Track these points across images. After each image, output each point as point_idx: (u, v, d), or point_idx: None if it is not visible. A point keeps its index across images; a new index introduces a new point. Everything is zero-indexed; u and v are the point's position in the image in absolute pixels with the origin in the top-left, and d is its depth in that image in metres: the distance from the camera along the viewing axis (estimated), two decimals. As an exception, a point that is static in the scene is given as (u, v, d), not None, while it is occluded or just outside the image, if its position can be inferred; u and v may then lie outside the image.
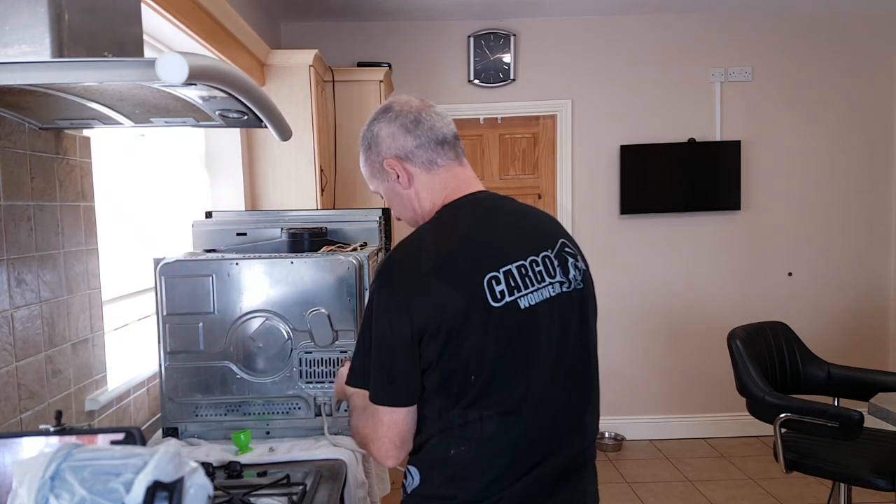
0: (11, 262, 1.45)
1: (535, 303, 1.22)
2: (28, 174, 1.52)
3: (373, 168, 1.34)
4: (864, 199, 4.40)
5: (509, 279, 1.21)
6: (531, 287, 1.22)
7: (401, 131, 1.30)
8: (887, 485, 2.49)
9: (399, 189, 1.33)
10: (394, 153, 1.30)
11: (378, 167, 1.33)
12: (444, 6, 3.95)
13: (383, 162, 1.31)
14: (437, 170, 1.32)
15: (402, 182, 1.32)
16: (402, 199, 1.35)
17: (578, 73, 4.29)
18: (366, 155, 1.35)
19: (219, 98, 1.25)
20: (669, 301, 4.42)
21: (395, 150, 1.30)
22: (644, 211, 4.33)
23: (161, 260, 1.84)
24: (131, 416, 2.00)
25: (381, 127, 1.31)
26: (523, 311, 1.20)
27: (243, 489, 1.50)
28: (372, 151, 1.33)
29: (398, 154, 1.30)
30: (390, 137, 1.30)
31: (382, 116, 1.32)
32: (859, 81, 4.33)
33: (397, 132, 1.30)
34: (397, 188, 1.33)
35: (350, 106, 3.55)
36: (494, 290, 1.19)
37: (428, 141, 1.30)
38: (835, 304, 4.44)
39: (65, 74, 1.06)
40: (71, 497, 0.77)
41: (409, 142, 1.30)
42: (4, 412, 1.42)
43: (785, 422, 2.66)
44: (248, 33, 2.70)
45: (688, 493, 3.66)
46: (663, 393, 4.45)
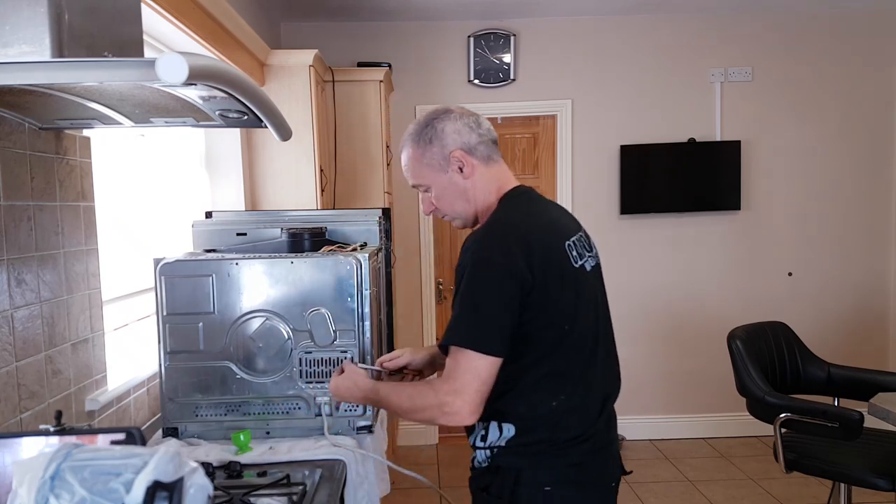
0: (11, 262, 1.45)
1: (589, 269, 1.49)
2: (28, 174, 1.52)
3: (433, 160, 1.49)
4: (864, 199, 4.40)
5: (576, 247, 1.46)
6: (584, 256, 1.49)
7: (466, 129, 1.49)
8: (887, 485, 2.49)
9: (459, 180, 1.49)
10: (459, 146, 1.48)
11: (441, 159, 1.48)
12: (444, 6, 3.95)
13: (450, 154, 1.47)
14: (492, 164, 1.52)
15: (466, 172, 1.48)
16: (459, 190, 1.50)
17: (578, 73, 4.30)
18: (424, 149, 1.49)
19: (219, 98, 1.25)
20: (669, 301, 4.42)
21: (460, 143, 1.48)
22: (644, 211, 4.33)
23: (161, 260, 1.84)
24: (131, 416, 2.00)
25: (447, 124, 1.49)
26: (588, 273, 1.48)
27: (243, 489, 1.50)
28: (434, 145, 1.48)
29: (463, 147, 1.48)
30: (456, 133, 1.48)
31: (445, 115, 1.50)
32: (859, 81, 4.33)
33: (463, 129, 1.49)
34: (457, 179, 1.49)
35: (350, 106, 3.55)
36: (571, 254, 1.43)
37: (487, 139, 1.51)
38: (835, 304, 4.44)
39: (65, 74, 1.06)
40: (71, 497, 0.77)
41: (474, 138, 1.49)
42: (4, 412, 1.42)
43: (785, 422, 2.66)
44: (248, 33, 2.70)
45: (688, 493, 3.66)
46: (663, 393, 4.45)
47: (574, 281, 1.42)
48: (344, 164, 3.53)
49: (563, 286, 1.39)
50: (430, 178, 1.51)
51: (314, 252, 2.03)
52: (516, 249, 1.35)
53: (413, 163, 1.52)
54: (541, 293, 1.35)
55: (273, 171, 3.08)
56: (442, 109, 1.53)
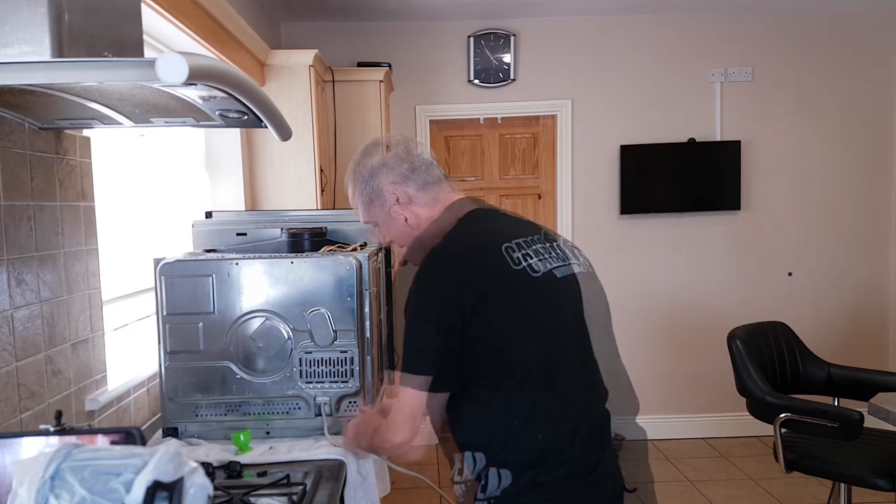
0: (11, 262, 1.45)
1: (544, 270, 1.41)
2: (28, 174, 1.52)
3: (371, 197, 1.50)
4: (864, 199, 4.40)
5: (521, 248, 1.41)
6: (537, 257, 1.42)
7: (395, 160, 1.49)
8: (887, 485, 2.49)
9: (398, 212, 1.49)
10: (391, 180, 1.48)
11: (375, 196, 1.49)
12: (444, 6, 3.95)
13: (382, 189, 1.48)
14: (431, 188, 1.49)
15: (403, 203, 1.48)
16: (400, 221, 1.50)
17: (578, 73, 4.29)
18: (361, 187, 1.50)
19: (219, 98, 1.25)
20: (669, 301, 4.42)
21: (392, 177, 1.48)
22: (644, 211, 4.33)
23: (161, 260, 1.84)
24: (131, 416, 2.00)
25: (374, 159, 1.49)
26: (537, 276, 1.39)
27: (243, 489, 1.50)
28: (368, 183, 1.49)
29: (395, 180, 1.48)
30: (385, 167, 1.48)
31: (373, 149, 1.51)
32: (859, 81, 4.33)
33: (391, 161, 1.49)
34: (396, 211, 1.49)
35: (350, 106, 3.55)
36: (512, 256, 1.38)
37: (422, 165, 1.50)
38: (835, 304, 4.44)
39: (65, 74, 1.06)
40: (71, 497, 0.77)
41: (405, 168, 1.48)
42: (4, 412, 1.42)
43: (785, 422, 2.66)
44: (248, 33, 2.70)
45: (688, 493, 3.66)
46: (663, 393, 4.45)
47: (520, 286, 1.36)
48: (344, 164, 3.51)
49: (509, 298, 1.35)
50: (373, 214, 1.52)
51: (314, 252, 2.03)
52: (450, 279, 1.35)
53: (356, 202, 1.53)
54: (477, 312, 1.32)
55: (273, 171, 3.08)
56: (371, 143, 1.53)
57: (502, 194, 4.44)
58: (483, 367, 1.35)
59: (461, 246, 1.40)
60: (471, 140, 4.40)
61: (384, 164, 1.48)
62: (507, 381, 1.35)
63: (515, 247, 1.40)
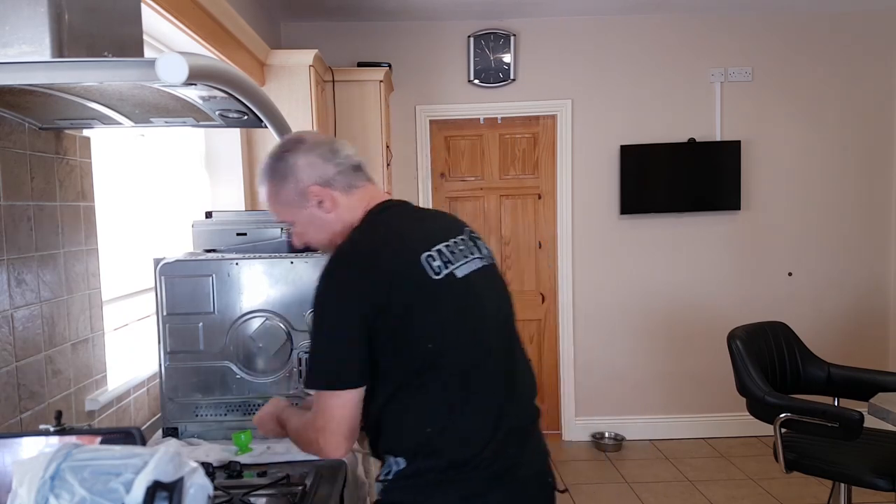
0: (11, 262, 1.45)
1: (468, 272, 1.37)
2: (28, 174, 1.52)
3: (289, 197, 1.40)
4: (864, 199, 4.40)
5: (442, 255, 1.35)
6: (462, 260, 1.38)
7: (320, 160, 1.39)
8: (887, 485, 2.49)
9: (320, 214, 1.40)
10: (315, 181, 1.38)
11: (296, 195, 1.39)
12: (444, 6, 3.95)
13: (306, 189, 1.38)
14: (355, 191, 1.42)
15: (326, 206, 1.39)
16: (321, 223, 1.42)
17: (578, 73, 4.29)
18: (279, 185, 1.40)
19: (219, 98, 1.25)
20: (669, 301, 4.42)
21: (315, 177, 1.38)
22: (644, 211, 4.33)
23: (161, 260, 1.84)
24: (131, 416, 2.00)
25: (298, 157, 1.39)
26: (460, 280, 1.35)
27: (243, 489, 1.50)
28: (288, 181, 1.39)
29: (319, 181, 1.38)
30: (310, 166, 1.38)
31: (296, 148, 1.40)
32: (859, 81, 4.33)
33: (316, 161, 1.39)
34: (318, 213, 1.40)
35: (350, 106, 3.55)
36: (432, 265, 1.32)
37: (346, 167, 1.41)
38: (835, 304, 4.44)
39: (65, 74, 1.06)
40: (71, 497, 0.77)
41: (329, 169, 1.39)
42: (4, 412, 1.42)
43: (785, 422, 2.66)
44: (248, 33, 2.70)
45: (688, 493, 3.66)
46: (663, 393, 4.45)
47: (435, 296, 1.31)
48: (344, 164, 3.52)
49: (421, 304, 1.30)
50: (290, 214, 1.43)
51: (314, 252, 2.03)
52: (358, 277, 1.28)
53: (271, 200, 1.43)
54: (391, 317, 1.27)
55: (273, 171, 3.07)
56: (293, 140, 1.42)
57: (502, 194, 4.44)
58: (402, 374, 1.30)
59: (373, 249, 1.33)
60: (471, 140, 4.40)
61: (310, 164, 1.38)
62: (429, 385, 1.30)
63: (436, 254, 1.34)
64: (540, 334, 4.51)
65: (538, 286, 4.49)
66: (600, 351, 4.43)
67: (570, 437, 4.46)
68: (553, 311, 4.48)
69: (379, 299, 1.26)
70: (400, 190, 4.27)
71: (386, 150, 3.70)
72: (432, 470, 1.30)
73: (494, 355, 1.38)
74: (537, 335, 4.51)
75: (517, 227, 4.46)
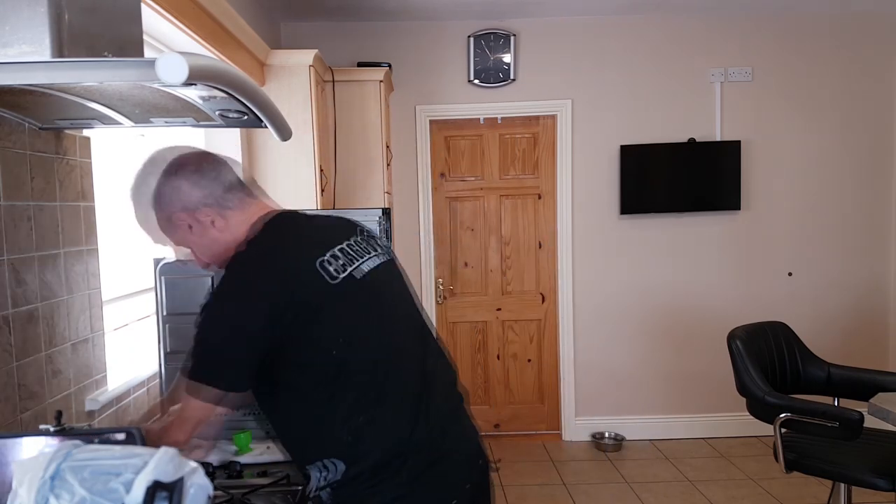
0: (11, 262, 1.45)
1: (366, 271, 1.38)
2: (28, 174, 1.52)
3: (160, 223, 1.37)
4: (865, 199, 4.40)
5: (338, 259, 1.35)
6: (358, 261, 1.38)
7: (188, 185, 1.34)
8: (887, 485, 2.49)
9: (194, 238, 1.37)
10: (181, 208, 1.34)
11: (166, 221, 1.36)
12: (444, 6, 3.95)
13: (171, 216, 1.35)
14: (230, 212, 1.37)
15: (196, 231, 1.36)
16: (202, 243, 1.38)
17: (578, 73, 4.29)
18: (146, 213, 1.36)
19: (219, 98, 1.25)
20: (669, 301, 4.42)
21: (182, 205, 1.34)
22: (644, 211, 4.33)
23: (161, 260, 1.84)
24: (131, 416, 2.00)
25: (163, 182, 1.34)
26: (359, 281, 1.35)
27: (243, 489, 1.50)
28: (157, 210, 1.35)
29: (186, 208, 1.34)
30: (175, 192, 1.34)
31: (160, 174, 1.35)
32: (859, 81, 4.33)
33: (184, 186, 1.34)
34: (192, 237, 1.37)
35: (350, 106, 3.55)
36: (329, 270, 1.32)
37: (215, 188, 1.36)
38: (835, 304, 4.44)
39: (65, 74, 1.06)
40: (71, 497, 0.77)
41: (196, 193, 1.34)
42: (4, 412, 1.42)
43: (785, 422, 2.66)
44: (248, 33, 2.70)
45: (688, 493, 3.66)
46: (663, 393, 4.45)
47: (334, 299, 1.31)
48: (344, 164, 3.53)
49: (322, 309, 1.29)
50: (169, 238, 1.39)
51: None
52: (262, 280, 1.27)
53: (143, 227, 1.39)
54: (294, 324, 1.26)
55: (273, 171, 3.08)
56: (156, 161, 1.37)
57: (502, 194, 4.44)
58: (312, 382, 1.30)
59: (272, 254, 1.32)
60: (471, 140, 4.40)
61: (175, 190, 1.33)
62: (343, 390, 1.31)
63: (335, 256, 1.34)
64: (540, 334, 4.51)
65: (538, 286, 4.49)
66: (600, 351, 4.43)
67: (570, 437, 4.46)
68: (553, 311, 4.48)
69: (283, 301, 1.26)
70: (400, 190, 4.28)
71: (386, 150, 3.69)
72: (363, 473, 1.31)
73: (404, 349, 1.40)
74: (537, 335, 4.51)
75: (517, 227, 4.46)
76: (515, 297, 4.50)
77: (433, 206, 4.39)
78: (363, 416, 1.31)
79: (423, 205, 4.35)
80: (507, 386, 4.53)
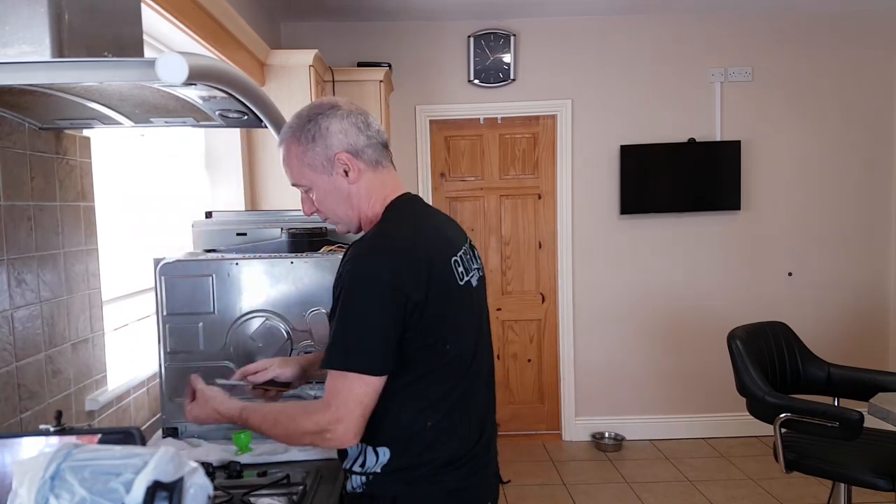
0: (11, 262, 1.45)
1: (474, 283, 1.42)
2: (28, 174, 1.52)
3: (315, 160, 1.35)
4: (865, 199, 4.40)
5: (462, 262, 1.39)
6: (471, 271, 1.42)
7: (354, 129, 1.35)
8: (887, 485, 2.49)
9: (343, 184, 1.36)
10: (345, 148, 1.34)
11: (324, 160, 1.35)
12: (444, 6, 3.95)
13: (334, 156, 1.34)
14: (381, 170, 1.39)
15: (352, 177, 1.35)
16: (343, 195, 1.37)
17: (578, 73, 4.29)
18: (305, 147, 1.35)
19: (219, 98, 1.25)
20: (669, 301, 4.42)
21: (346, 145, 1.34)
22: (644, 211, 4.33)
23: (161, 260, 1.84)
24: (131, 416, 2.00)
25: (332, 122, 1.34)
26: (472, 290, 1.41)
27: (243, 489, 1.50)
28: (317, 144, 1.34)
29: (350, 149, 1.35)
30: (342, 133, 1.34)
31: (332, 112, 1.35)
32: (859, 81, 4.33)
33: (350, 129, 1.35)
34: (341, 183, 1.36)
35: (350, 106, 3.54)
36: (457, 270, 1.35)
37: (376, 142, 1.38)
38: (835, 304, 4.44)
39: (65, 74, 1.06)
40: (71, 497, 0.77)
41: (362, 140, 1.36)
42: (4, 412, 1.42)
43: (785, 422, 2.66)
44: (248, 33, 2.70)
45: (688, 493, 3.66)
46: (663, 393, 4.45)
47: (458, 300, 1.34)
48: (344, 164, 3.52)
49: (448, 307, 1.31)
50: (311, 178, 1.37)
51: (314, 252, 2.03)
52: (401, 265, 1.26)
53: (293, 161, 1.37)
54: (423, 313, 1.26)
55: (273, 171, 3.08)
56: (328, 104, 1.37)
57: (502, 194, 4.44)
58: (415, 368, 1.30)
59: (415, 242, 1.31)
60: (471, 140, 4.40)
61: (343, 131, 1.34)
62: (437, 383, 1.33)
63: (460, 259, 1.38)
64: (540, 334, 4.51)
65: (538, 286, 4.49)
66: (600, 351, 4.43)
67: (570, 437, 4.46)
68: (553, 311, 4.48)
69: (415, 293, 1.25)
70: (400, 190, 4.27)
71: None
72: (427, 464, 1.33)
73: (486, 366, 1.46)
74: (537, 335, 4.51)
75: (517, 227, 4.47)
76: (515, 297, 4.50)
77: (433, 206, 4.39)
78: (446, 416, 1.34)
79: (423, 205, 4.34)
80: (507, 386, 4.53)
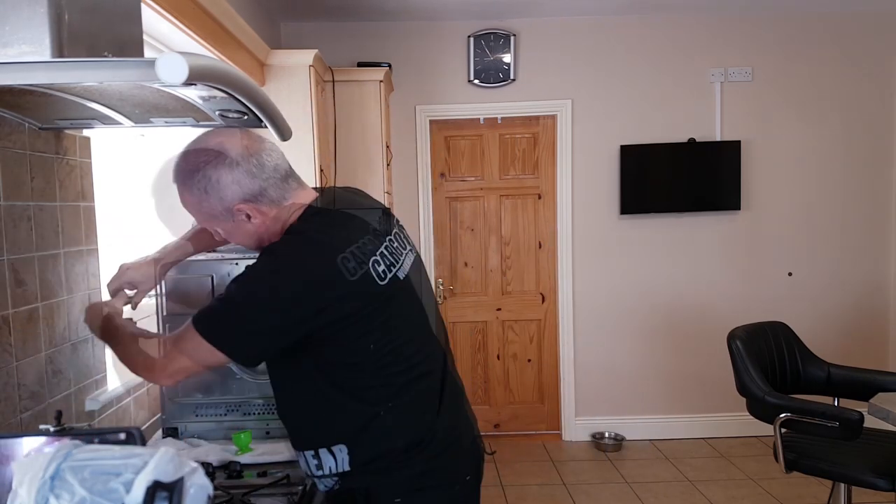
0: (11, 262, 1.45)
1: (402, 276, 1.40)
2: (28, 174, 1.52)
3: (213, 210, 1.34)
4: (864, 199, 4.40)
5: (387, 256, 1.38)
6: (400, 259, 1.41)
7: (247, 177, 1.31)
8: (887, 485, 2.49)
9: (248, 227, 1.36)
10: (242, 198, 1.32)
11: (223, 210, 1.33)
12: (444, 6, 3.95)
13: (234, 207, 1.33)
14: (286, 199, 1.37)
15: (256, 220, 1.35)
16: (250, 233, 1.38)
17: (578, 73, 4.29)
18: (199, 198, 1.32)
19: (219, 98, 1.25)
20: (669, 301, 4.42)
21: (242, 195, 1.32)
22: (644, 211, 4.33)
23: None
24: (131, 416, 2.00)
25: (221, 174, 1.30)
26: (402, 281, 1.40)
27: (243, 489, 1.50)
28: (210, 196, 1.31)
29: (247, 198, 1.32)
30: (236, 184, 1.31)
31: (218, 162, 1.30)
32: (859, 81, 4.33)
33: (243, 179, 1.31)
34: (245, 226, 1.36)
35: (350, 106, 3.55)
36: (378, 271, 1.33)
37: (276, 179, 1.35)
38: (835, 304, 4.44)
39: (65, 74, 1.06)
40: (71, 497, 0.77)
41: (257, 185, 1.33)
42: (4, 412, 1.42)
43: (785, 422, 2.66)
44: (248, 33, 2.69)
45: (688, 493, 3.66)
46: (663, 393, 4.45)
47: (383, 297, 1.34)
48: (344, 164, 3.53)
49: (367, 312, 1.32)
50: (214, 224, 1.38)
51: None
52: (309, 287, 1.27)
53: (191, 208, 1.37)
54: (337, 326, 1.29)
55: (273, 171, 3.07)
56: (213, 151, 1.31)
57: (502, 194, 4.44)
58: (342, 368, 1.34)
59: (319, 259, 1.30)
60: (471, 140, 4.40)
61: (236, 182, 1.30)
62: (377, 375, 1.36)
63: (381, 258, 1.35)
64: (540, 334, 4.51)
65: (538, 286, 4.49)
66: (600, 351, 4.43)
67: (570, 437, 4.46)
68: (553, 311, 4.48)
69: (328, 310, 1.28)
70: (400, 190, 4.28)
71: (386, 149, 3.69)
72: (389, 453, 1.36)
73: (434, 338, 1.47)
74: (537, 335, 4.51)
75: (517, 227, 4.46)
76: (515, 297, 4.50)
77: (433, 206, 4.39)
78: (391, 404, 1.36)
79: (423, 205, 4.35)
80: (507, 386, 4.53)
